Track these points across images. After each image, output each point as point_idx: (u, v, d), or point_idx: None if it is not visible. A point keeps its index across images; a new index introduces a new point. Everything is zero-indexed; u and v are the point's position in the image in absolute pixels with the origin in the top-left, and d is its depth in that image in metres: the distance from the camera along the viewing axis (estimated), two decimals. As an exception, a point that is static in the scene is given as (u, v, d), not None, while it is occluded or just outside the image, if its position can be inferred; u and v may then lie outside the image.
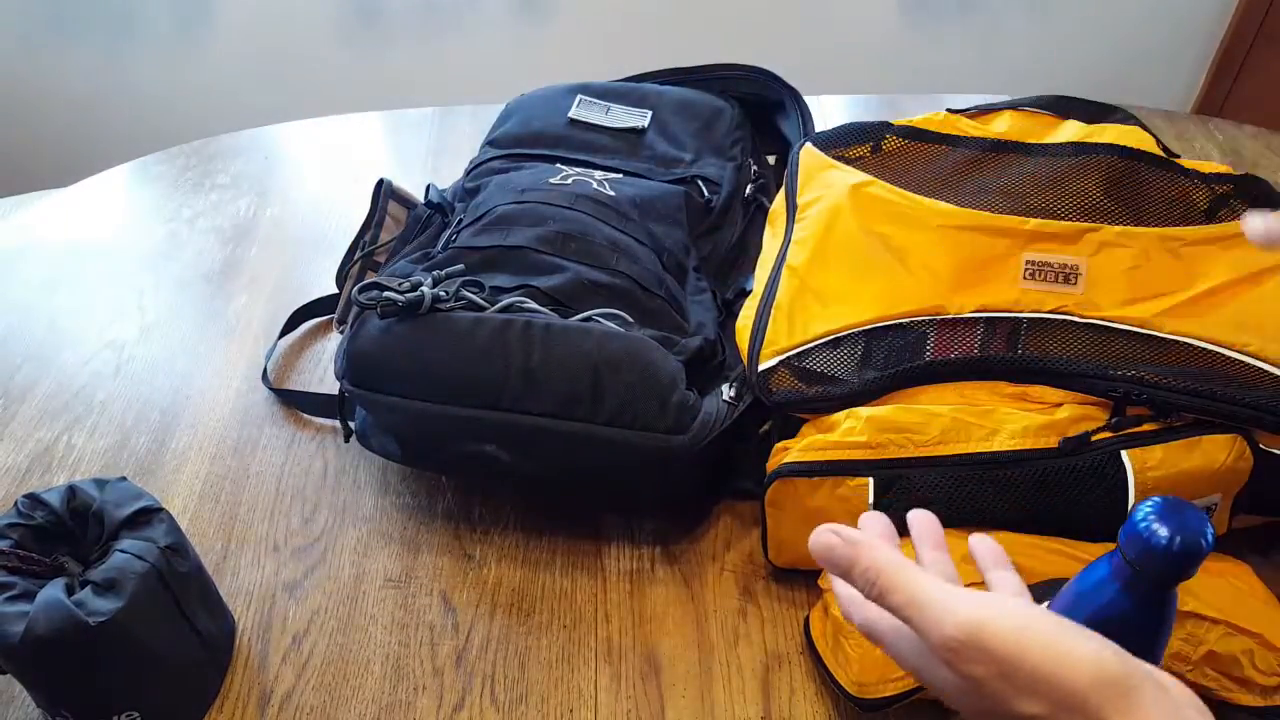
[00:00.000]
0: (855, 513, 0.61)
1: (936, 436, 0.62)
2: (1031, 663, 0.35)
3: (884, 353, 0.66)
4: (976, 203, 0.69)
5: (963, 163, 0.73)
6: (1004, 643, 0.35)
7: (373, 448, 0.73)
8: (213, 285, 0.95)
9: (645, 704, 0.62)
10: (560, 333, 0.64)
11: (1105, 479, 0.60)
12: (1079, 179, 0.69)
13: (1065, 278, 0.66)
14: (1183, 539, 0.41)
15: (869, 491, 0.61)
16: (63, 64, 1.90)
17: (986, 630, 0.36)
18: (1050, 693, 0.35)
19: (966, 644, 0.36)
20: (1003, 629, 0.36)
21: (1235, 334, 0.63)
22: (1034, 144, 0.73)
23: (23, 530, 0.57)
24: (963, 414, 0.63)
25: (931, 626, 0.37)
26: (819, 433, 0.64)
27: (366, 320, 0.68)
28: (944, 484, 0.61)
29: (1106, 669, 0.35)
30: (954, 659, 0.36)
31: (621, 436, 0.63)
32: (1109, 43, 1.95)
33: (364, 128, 1.17)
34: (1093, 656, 0.35)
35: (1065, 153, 0.71)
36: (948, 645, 0.36)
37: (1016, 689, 0.35)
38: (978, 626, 0.36)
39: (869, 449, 0.62)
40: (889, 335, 0.66)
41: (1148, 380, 0.61)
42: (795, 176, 0.76)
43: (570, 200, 0.74)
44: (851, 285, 0.68)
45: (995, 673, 0.35)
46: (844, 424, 0.64)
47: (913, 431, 0.62)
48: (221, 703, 0.63)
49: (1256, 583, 0.61)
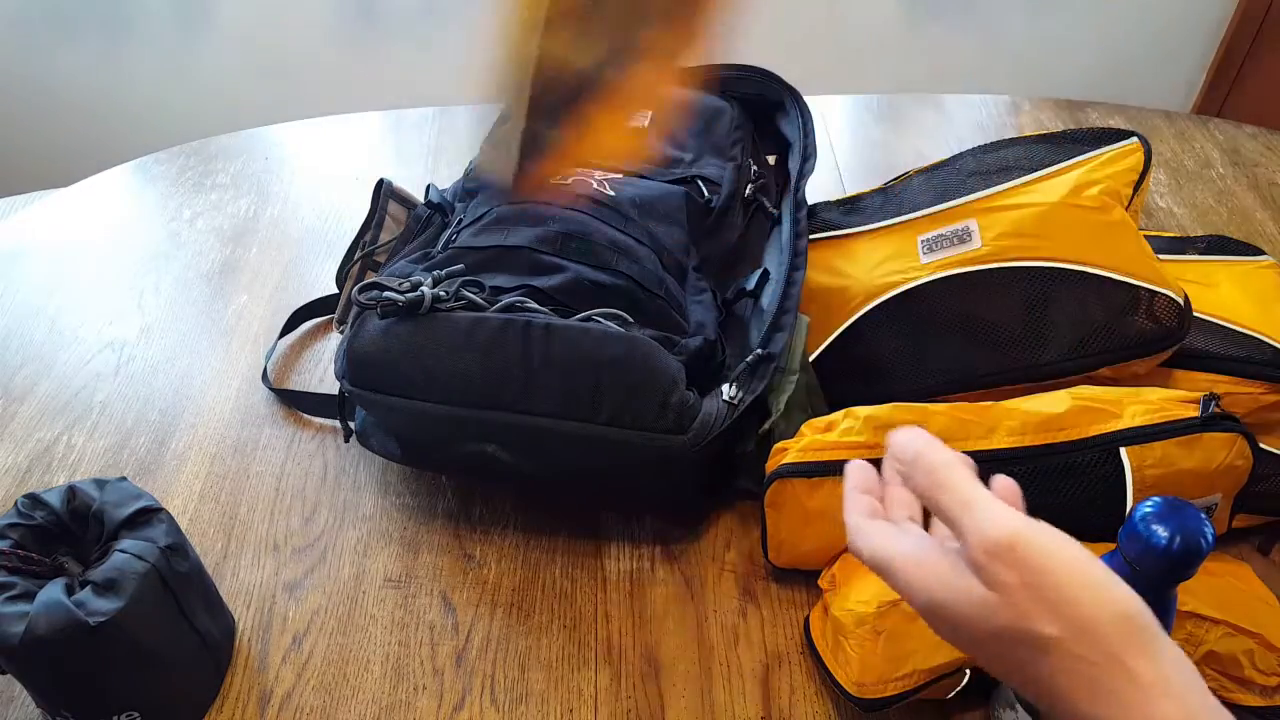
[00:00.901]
0: None
1: (934, 435, 0.62)
2: (1062, 581, 0.35)
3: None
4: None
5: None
6: (1041, 555, 0.36)
7: (373, 448, 0.74)
8: (213, 285, 0.95)
9: (645, 704, 0.62)
10: (560, 333, 0.64)
11: (1103, 476, 0.60)
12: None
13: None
14: (1182, 539, 0.41)
15: None
16: (63, 64, 1.90)
17: (1029, 539, 0.36)
18: (1073, 616, 0.35)
19: (1007, 549, 0.36)
20: (1044, 543, 0.36)
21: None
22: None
23: (23, 530, 0.57)
24: (960, 412, 0.63)
25: (978, 526, 0.37)
26: (816, 433, 0.64)
27: (366, 320, 0.68)
28: None
29: (1133, 611, 0.35)
30: (989, 563, 0.36)
31: (621, 436, 0.63)
32: (1109, 43, 1.95)
33: (364, 128, 1.17)
34: (1123, 595, 0.35)
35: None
36: (988, 547, 0.36)
37: (1040, 605, 0.35)
38: (1021, 534, 0.36)
39: (867, 449, 0.62)
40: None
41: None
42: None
43: (570, 200, 0.74)
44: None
45: (1024, 582, 0.35)
46: (842, 424, 0.64)
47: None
48: (221, 703, 0.63)
49: (1256, 583, 0.61)
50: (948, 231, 0.74)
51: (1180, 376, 0.69)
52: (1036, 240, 0.70)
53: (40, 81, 1.92)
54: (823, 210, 0.85)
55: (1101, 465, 0.60)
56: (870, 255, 0.78)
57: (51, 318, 0.93)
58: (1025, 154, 0.76)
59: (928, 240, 0.75)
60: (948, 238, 0.74)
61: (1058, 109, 1.12)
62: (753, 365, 0.68)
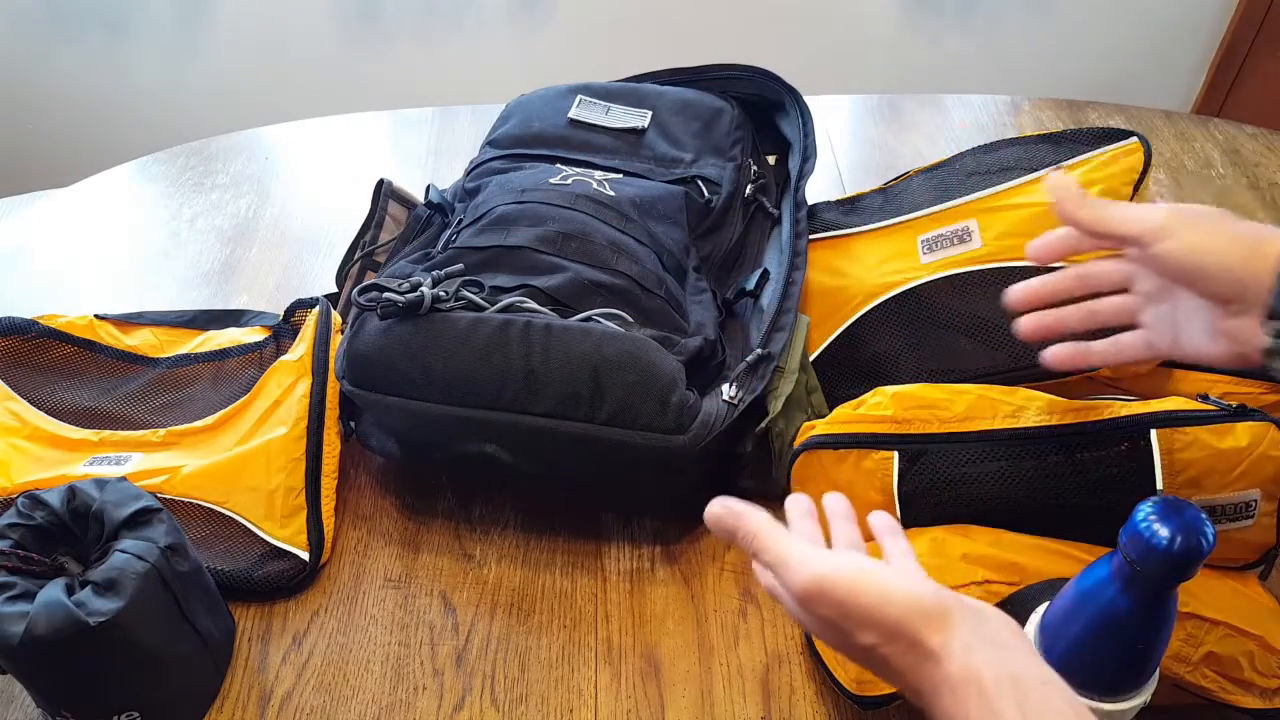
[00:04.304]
0: (880, 487, 0.63)
1: (962, 413, 0.62)
2: (862, 603, 0.43)
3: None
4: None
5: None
6: (841, 589, 0.43)
7: (373, 447, 0.73)
8: (213, 285, 0.95)
9: (645, 704, 0.62)
10: (560, 333, 0.64)
11: (1132, 457, 0.59)
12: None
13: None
14: (1183, 539, 0.41)
15: (894, 465, 0.62)
16: (63, 64, 1.90)
17: (828, 580, 0.44)
18: (877, 625, 0.43)
19: (814, 591, 0.44)
20: (841, 578, 0.44)
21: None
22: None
23: (23, 530, 0.57)
24: (989, 391, 0.63)
25: (789, 580, 0.45)
26: (846, 409, 0.66)
27: (366, 320, 0.68)
28: (968, 459, 0.61)
29: (919, 601, 0.42)
30: (807, 604, 0.44)
31: (621, 436, 0.63)
32: (1109, 43, 1.95)
33: (364, 128, 1.17)
34: (906, 591, 0.43)
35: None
36: (799, 595, 0.45)
37: (854, 625, 0.43)
38: (822, 577, 0.44)
39: (894, 424, 0.63)
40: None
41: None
42: None
43: (570, 200, 0.74)
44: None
45: (838, 613, 0.43)
46: (870, 400, 0.65)
47: (938, 408, 0.63)
48: (221, 703, 0.63)
49: (1257, 585, 0.61)
50: (948, 231, 0.74)
51: (1180, 376, 0.69)
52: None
53: (40, 81, 1.92)
54: (823, 210, 0.85)
55: (1130, 446, 0.59)
56: (870, 255, 0.78)
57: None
58: (1025, 154, 0.76)
59: (928, 240, 0.75)
60: (948, 237, 0.74)
61: (1058, 109, 1.12)
62: (752, 365, 0.68)
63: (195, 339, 0.81)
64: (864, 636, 0.43)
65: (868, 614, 0.43)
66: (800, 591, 0.44)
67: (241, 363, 0.79)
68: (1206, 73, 2.01)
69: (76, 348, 0.80)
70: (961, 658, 0.41)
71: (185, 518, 0.69)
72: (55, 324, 0.80)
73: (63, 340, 0.79)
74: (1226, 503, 0.58)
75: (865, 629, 0.43)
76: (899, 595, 0.43)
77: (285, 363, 0.74)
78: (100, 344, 0.80)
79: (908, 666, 0.42)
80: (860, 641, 0.43)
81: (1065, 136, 0.77)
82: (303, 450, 0.70)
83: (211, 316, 0.85)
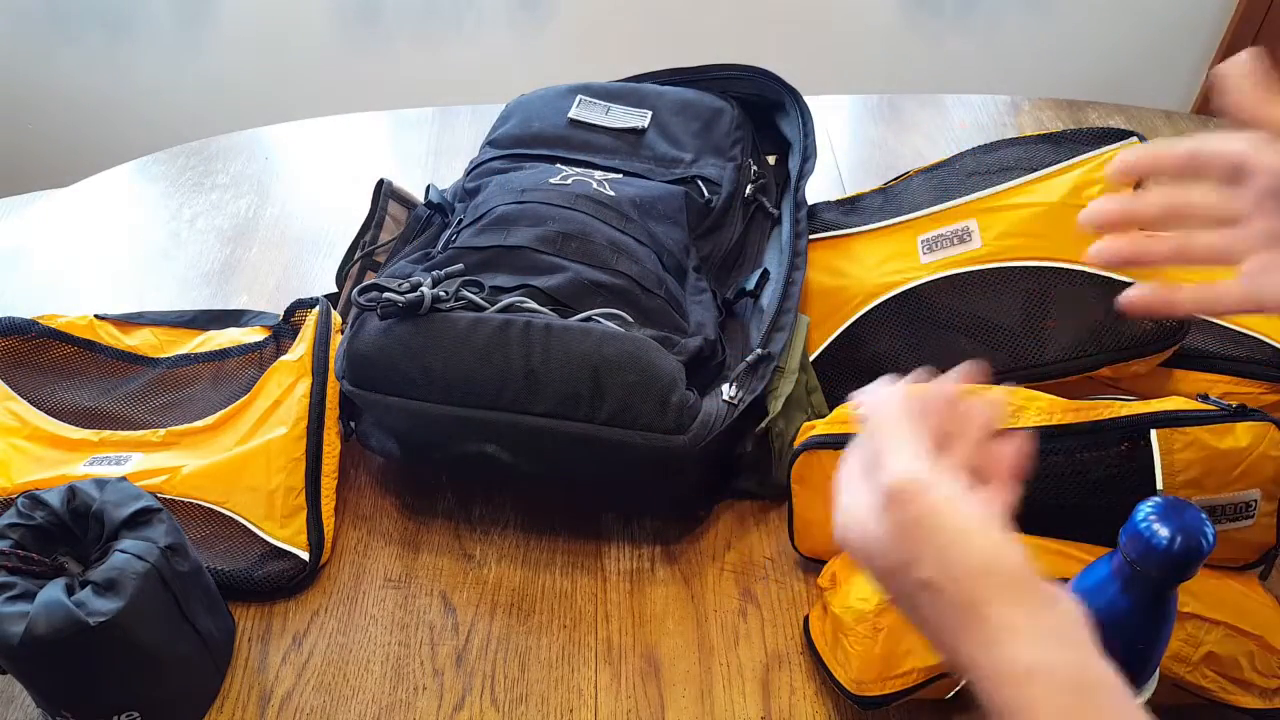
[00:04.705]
0: None
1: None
2: (940, 531, 0.39)
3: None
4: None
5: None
6: (928, 504, 0.39)
7: (373, 447, 0.73)
8: (213, 285, 0.95)
9: (645, 704, 0.62)
10: (560, 333, 0.64)
11: (1131, 456, 0.59)
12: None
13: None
14: (1183, 539, 0.41)
15: None
16: (62, 64, 1.90)
17: (921, 488, 0.40)
18: (944, 563, 0.39)
19: (899, 493, 0.40)
20: (934, 494, 0.40)
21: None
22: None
23: (23, 530, 0.57)
24: (989, 392, 0.63)
25: (887, 470, 0.41)
26: (846, 409, 0.65)
27: (366, 321, 0.68)
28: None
29: (997, 559, 0.38)
30: (887, 505, 0.40)
31: (621, 436, 0.63)
32: (1109, 43, 1.95)
33: (364, 128, 1.17)
34: (994, 546, 0.39)
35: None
36: (885, 489, 0.40)
37: (919, 549, 0.39)
38: (915, 482, 0.40)
39: None
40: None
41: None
42: None
43: (570, 200, 0.74)
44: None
45: (910, 528, 0.39)
46: None
47: None
48: (221, 703, 0.63)
49: (1257, 585, 0.61)
50: (948, 231, 0.74)
51: (1180, 376, 0.69)
52: (1036, 240, 0.70)
53: (40, 81, 1.92)
54: (823, 210, 0.85)
55: (1130, 446, 0.59)
56: (870, 255, 0.78)
57: (51, 318, 0.92)
58: (1025, 154, 0.76)
59: (928, 240, 0.75)
60: (948, 237, 0.74)
61: (1058, 109, 1.12)
62: (752, 365, 0.68)
63: (195, 339, 0.81)
64: (923, 568, 0.39)
65: (939, 544, 0.39)
66: (887, 486, 0.40)
67: (241, 363, 0.79)
68: (1206, 73, 2.01)
69: (76, 348, 0.80)
70: (1017, 647, 0.37)
71: (185, 518, 0.69)
72: (55, 324, 0.80)
73: (63, 340, 0.79)
74: (1226, 503, 0.58)
75: (928, 560, 0.39)
76: (985, 544, 0.39)
77: (285, 363, 0.74)
78: (100, 344, 0.80)
79: (953, 624, 0.38)
80: (916, 573, 0.39)
81: (1065, 136, 0.77)
82: (303, 450, 0.70)
83: (211, 316, 0.85)
